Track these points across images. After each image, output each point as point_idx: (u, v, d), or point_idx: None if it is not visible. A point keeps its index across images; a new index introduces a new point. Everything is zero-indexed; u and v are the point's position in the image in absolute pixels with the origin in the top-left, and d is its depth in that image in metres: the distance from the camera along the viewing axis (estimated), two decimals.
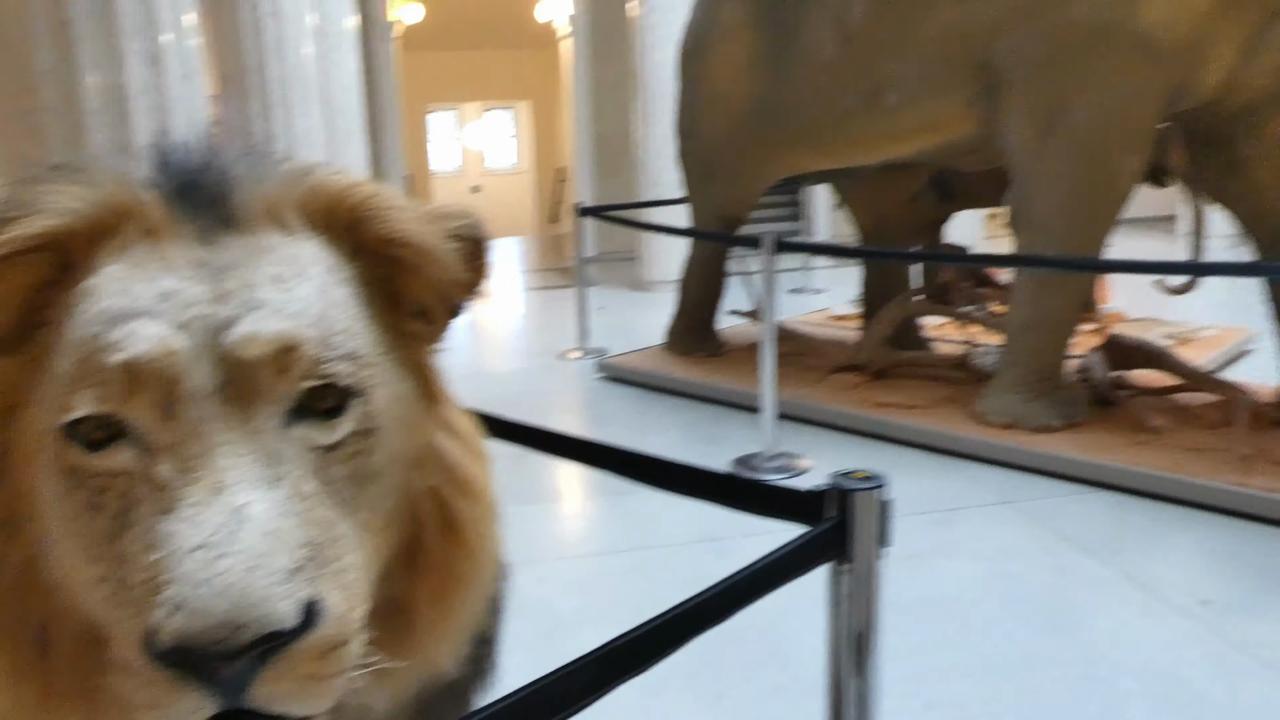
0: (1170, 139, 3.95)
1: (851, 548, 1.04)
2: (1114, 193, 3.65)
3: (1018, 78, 3.68)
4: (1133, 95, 3.46)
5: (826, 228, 10.85)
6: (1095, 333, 5.43)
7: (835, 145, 4.46)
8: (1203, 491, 3.39)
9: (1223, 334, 5.54)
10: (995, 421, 4.03)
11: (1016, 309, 4.00)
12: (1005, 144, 3.82)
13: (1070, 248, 3.70)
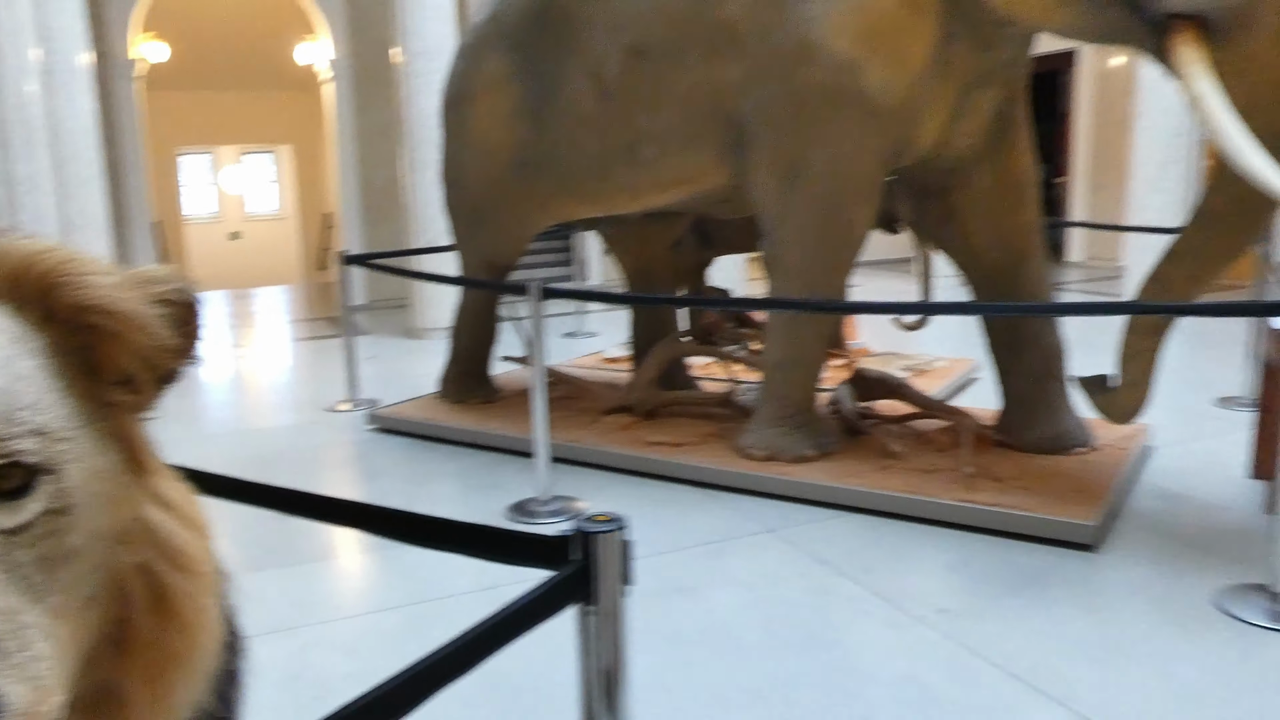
0: (897, 190, 4.37)
1: (596, 589, 1.08)
2: (850, 239, 3.97)
3: (762, 133, 3.95)
4: (861, 151, 3.80)
5: (599, 273, 11.11)
6: (844, 367, 5.87)
7: (598, 195, 4.60)
8: (937, 509, 3.72)
9: (952, 365, 6.12)
10: (757, 455, 4.24)
11: (770, 349, 4.25)
12: (754, 195, 4.08)
13: (815, 290, 3.99)
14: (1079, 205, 12.43)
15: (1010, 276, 4.16)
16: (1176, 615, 2.96)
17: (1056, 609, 3.03)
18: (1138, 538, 3.55)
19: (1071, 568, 3.32)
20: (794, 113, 3.83)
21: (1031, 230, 4.16)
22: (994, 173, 4.08)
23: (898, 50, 3.66)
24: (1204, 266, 3.24)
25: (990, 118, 3.97)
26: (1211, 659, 2.71)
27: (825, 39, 3.71)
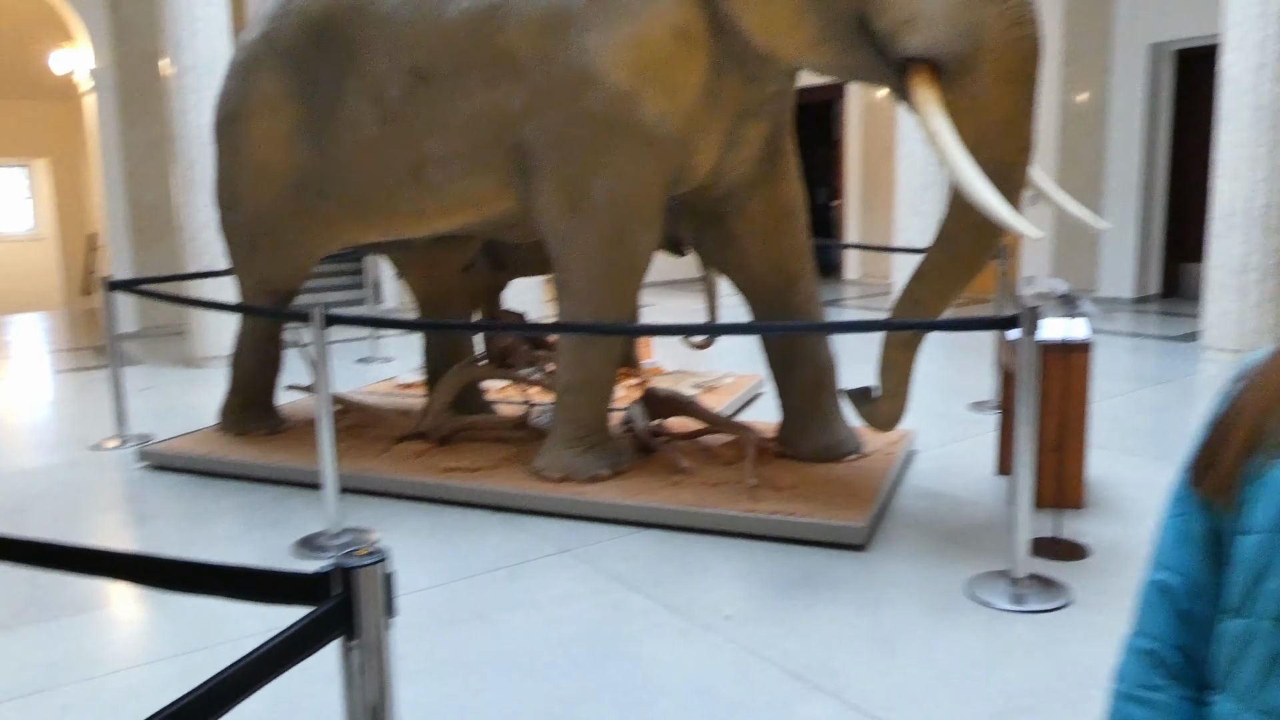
0: (679, 215, 4.55)
1: (358, 623, 1.08)
2: (635, 263, 4.11)
3: (546, 160, 4.02)
4: (641, 179, 3.94)
5: (393, 296, 10.87)
6: (637, 387, 6.03)
7: (382, 219, 4.53)
8: (724, 520, 3.89)
9: (739, 381, 6.41)
10: (552, 476, 4.29)
11: (561, 372, 4.32)
12: (539, 220, 4.14)
13: (603, 313, 4.09)
14: (853, 226, 13.32)
15: (784, 297, 4.42)
16: (934, 605, 3.24)
17: (830, 607, 3.24)
18: (902, 535, 3.85)
19: (844, 567, 3.56)
20: (576, 141, 3.92)
21: (802, 253, 4.44)
22: (766, 199, 4.33)
23: (672, 83, 3.83)
24: (948, 285, 3.58)
25: (760, 148, 4.22)
26: (964, 642, 2.98)
27: (603, 70, 3.83)
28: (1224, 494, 0.84)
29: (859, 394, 3.96)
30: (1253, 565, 0.80)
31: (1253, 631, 0.79)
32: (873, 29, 3.39)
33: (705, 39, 3.80)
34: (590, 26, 3.84)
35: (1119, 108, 10.21)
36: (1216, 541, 0.86)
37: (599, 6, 3.83)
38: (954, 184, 3.30)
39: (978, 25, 3.18)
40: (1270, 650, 0.77)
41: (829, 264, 14.34)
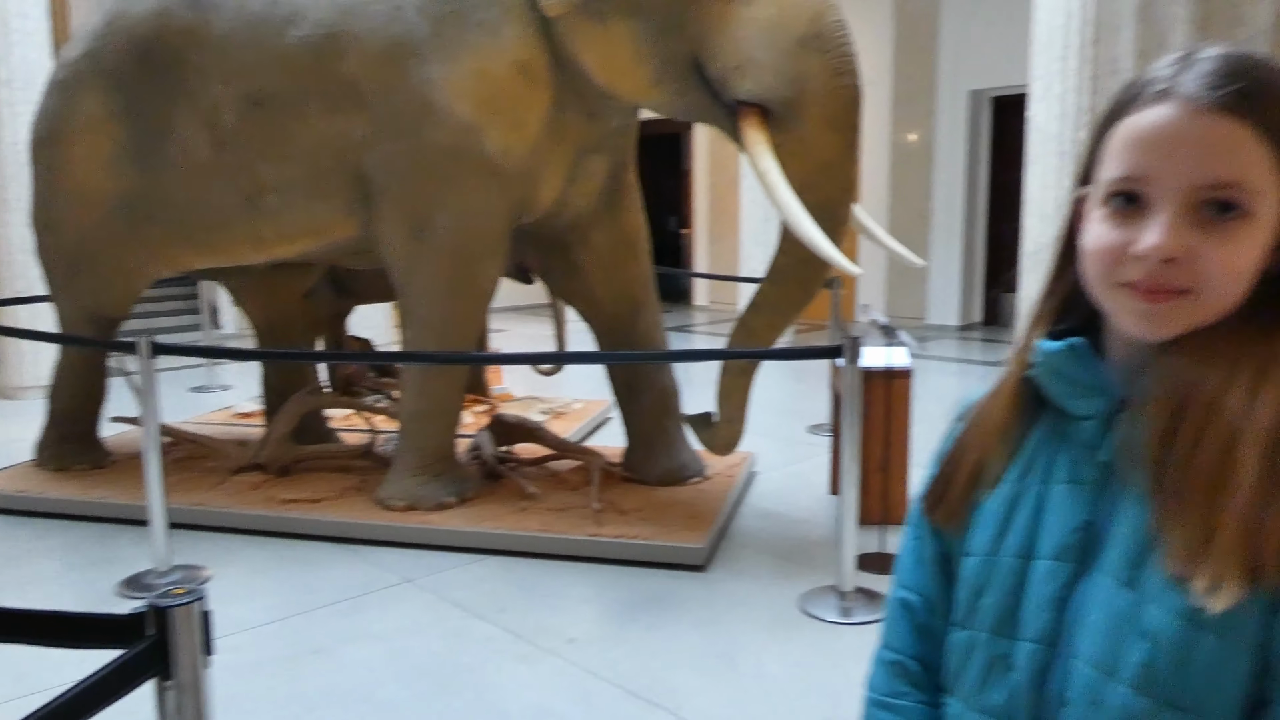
0: (526, 244, 4.61)
1: (173, 663, 1.08)
2: (478, 292, 4.14)
3: (389, 188, 4.01)
4: (486, 209, 3.98)
5: (231, 321, 10.45)
6: (487, 413, 6.02)
7: (217, 245, 4.39)
8: (569, 545, 3.95)
9: (587, 406, 6.49)
10: (396, 505, 4.25)
11: (406, 399, 4.29)
12: (383, 248, 4.12)
13: (448, 341, 4.10)
14: (701, 254, 13.69)
15: (628, 325, 4.54)
16: (768, 620, 3.39)
17: (671, 627, 3.34)
18: (741, 554, 4.01)
19: (685, 588, 3.67)
20: (420, 171, 3.93)
21: (645, 282, 4.57)
22: (609, 231, 4.45)
23: (515, 116, 3.90)
24: (779, 315, 3.77)
25: (603, 181, 4.34)
26: (795, 656, 3.13)
27: (446, 102, 3.86)
28: (952, 521, 0.95)
29: (699, 419, 4.10)
30: (973, 583, 0.91)
31: (974, 641, 0.90)
32: (707, 73, 3.56)
33: (547, 75, 3.89)
34: (433, 58, 3.86)
35: (943, 148, 10.93)
36: (947, 563, 0.97)
37: (442, 39, 3.86)
38: (783, 221, 3.49)
39: (803, 74, 3.39)
40: (988, 657, 0.88)
41: (678, 290, 14.69)
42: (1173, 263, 0.77)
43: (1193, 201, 0.77)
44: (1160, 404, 0.79)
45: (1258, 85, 0.76)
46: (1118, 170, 0.80)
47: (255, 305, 5.34)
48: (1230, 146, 0.76)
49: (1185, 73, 0.78)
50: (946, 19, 10.64)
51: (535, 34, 3.83)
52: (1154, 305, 0.79)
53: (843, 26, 3.46)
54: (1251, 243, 0.77)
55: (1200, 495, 0.75)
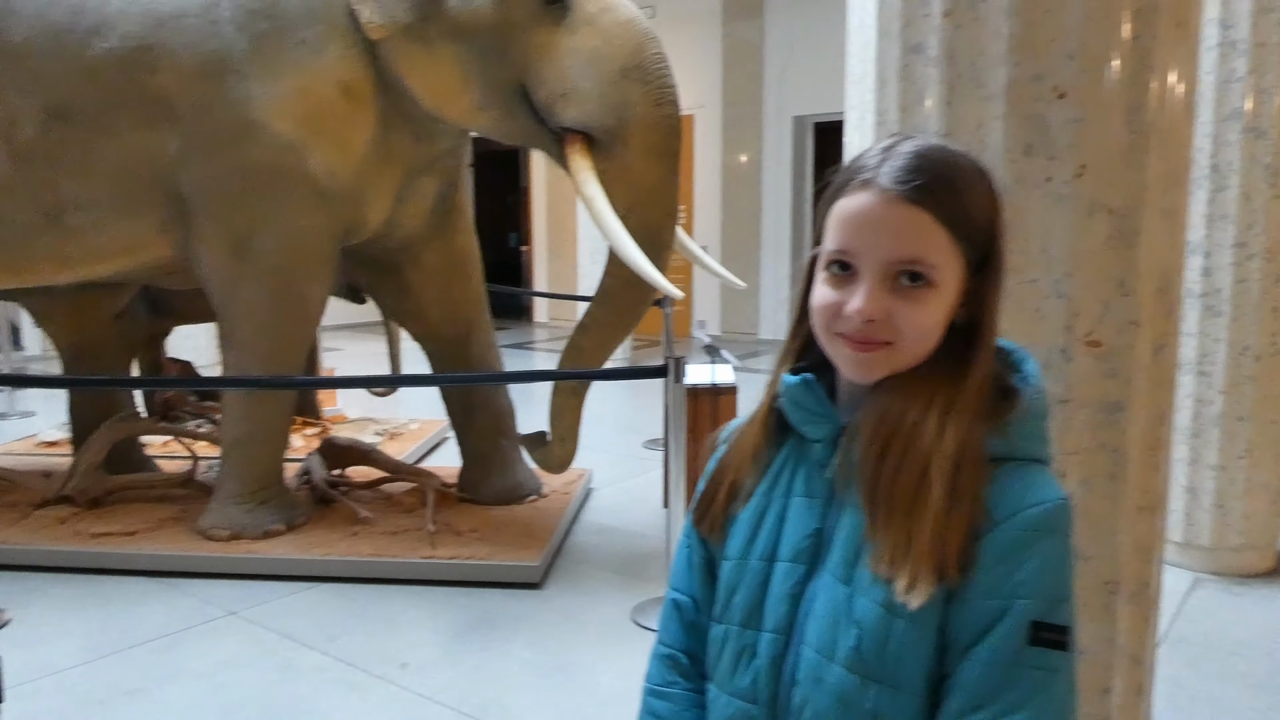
0: (357, 264, 4.55)
1: None
2: (304, 313, 4.05)
3: (207, 207, 3.88)
4: (311, 229, 3.91)
5: (35, 342, 9.74)
6: (318, 436, 5.87)
7: (15, 264, 4.12)
8: (404, 568, 3.92)
9: (424, 426, 6.42)
10: (220, 535, 4.10)
11: (228, 425, 4.15)
12: (201, 269, 3.98)
13: (272, 364, 3.99)
14: (540, 271, 13.75)
15: (461, 345, 4.55)
16: (601, 634, 3.47)
17: (505, 646, 3.37)
18: (576, 570, 4.08)
19: (520, 606, 3.71)
20: (241, 189, 3.83)
21: (477, 303, 4.59)
22: (440, 251, 4.45)
23: (340, 137, 3.86)
24: (608, 336, 3.88)
25: (433, 202, 4.34)
26: (627, 666, 3.22)
27: (267, 119, 3.78)
28: (715, 532, 1.10)
29: (532, 438, 4.15)
30: (728, 584, 1.06)
31: (727, 634, 1.05)
32: (533, 99, 3.64)
33: (373, 96, 3.87)
34: (253, 75, 3.78)
35: (771, 170, 11.42)
36: (712, 567, 1.11)
37: (262, 56, 3.78)
38: (609, 245, 3.60)
39: (625, 103, 3.52)
40: (738, 647, 1.03)
41: (519, 308, 14.68)
42: (874, 322, 0.94)
43: (889, 273, 0.94)
44: (869, 432, 0.96)
45: (939, 181, 0.93)
46: (834, 243, 0.97)
47: (61, 327, 5.02)
48: (916, 230, 0.93)
49: (884, 165, 0.94)
50: (770, 48, 11.15)
51: (360, 54, 3.81)
52: (861, 354, 0.96)
53: (663, 58, 3.61)
54: (936, 305, 0.95)
55: (902, 510, 0.92)
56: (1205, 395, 3.79)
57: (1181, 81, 1.49)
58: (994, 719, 0.89)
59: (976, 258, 0.96)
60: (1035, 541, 0.90)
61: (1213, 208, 3.71)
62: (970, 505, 0.90)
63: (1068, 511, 0.93)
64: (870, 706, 0.92)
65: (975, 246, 0.95)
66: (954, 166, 0.95)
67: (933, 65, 1.51)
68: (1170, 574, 3.91)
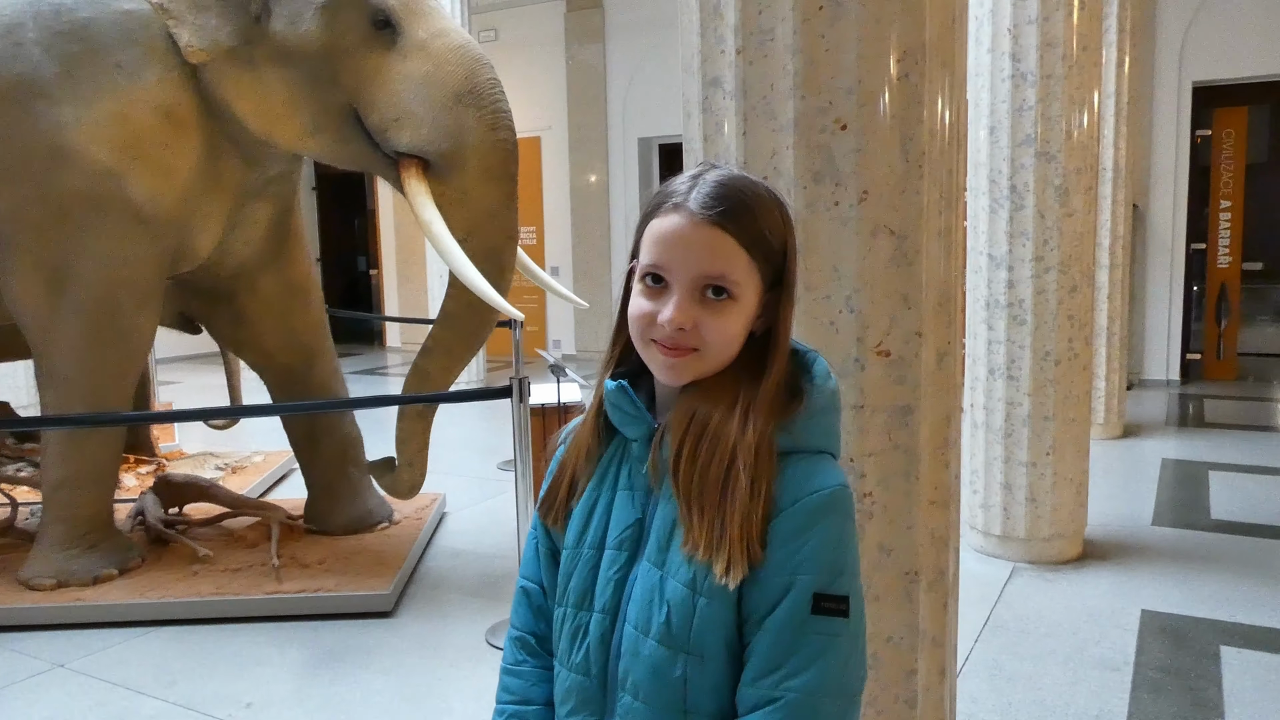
0: (189, 293, 4.39)
1: None
2: (130, 346, 3.88)
3: (18, 238, 3.68)
4: (135, 258, 3.76)
5: None
6: (153, 473, 5.60)
7: None
8: (248, 605, 3.80)
9: (268, 459, 6.21)
10: (44, 584, 3.87)
11: (49, 467, 3.92)
12: (14, 303, 3.77)
13: (96, 401, 3.81)
14: (391, 294, 13.49)
15: (302, 374, 4.45)
16: (455, 658, 3.46)
17: (357, 677, 3.32)
18: (429, 596, 4.05)
19: (372, 636, 3.66)
20: (54, 219, 3.65)
21: (317, 329, 4.51)
22: (276, 278, 4.35)
23: (161, 162, 3.73)
24: (452, 359, 3.89)
25: (266, 228, 4.24)
26: (480, 687, 3.23)
27: (82, 145, 3.63)
28: (557, 523, 1.21)
29: (380, 465, 4.10)
30: (565, 570, 1.17)
31: (564, 615, 1.16)
32: (365, 124, 3.63)
33: (197, 121, 3.77)
34: (63, 100, 3.62)
35: (619, 190, 11.61)
36: (555, 556, 1.22)
37: (74, 80, 3.62)
38: (449, 268, 3.62)
39: (460, 128, 3.55)
40: (572, 627, 1.15)
41: (370, 332, 14.34)
42: (684, 330, 1.05)
43: (697, 286, 1.05)
44: (678, 431, 1.07)
45: (739, 207, 1.05)
46: (648, 258, 1.07)
47: None
48: (719, 250, 1.04)
49: (693, 192, 1.06)
50: (613, 72, 11.36)
51: (181, 77, 3.70)
52: (672, 359, 1.07)
53: (497, 83, 3.66)
54: (737, 317, 1.07)
55: (713, 501, 1.03)
56: (1014, 398, 4.11)
57: (949, 113, 1.65)
58: (784, 679, 1.01)
59: (771, 275, 1.08)
60: (815, 523, 1.02)
61: (1013, 225, 4.04)
62: (764, 494, 1.02)
63: (845, 496, 1.05)
64: (679, 674, 1.04)
65: (770, 265, 1.08)
66: (752, 194, 1.07)
67: (730, 98, 1.63)
68: (990, 565, 4.21)
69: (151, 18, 3.64)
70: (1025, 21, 3.96)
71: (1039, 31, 3.93)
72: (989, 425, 4.18)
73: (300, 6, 3.57)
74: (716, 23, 1.64)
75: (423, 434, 3.95)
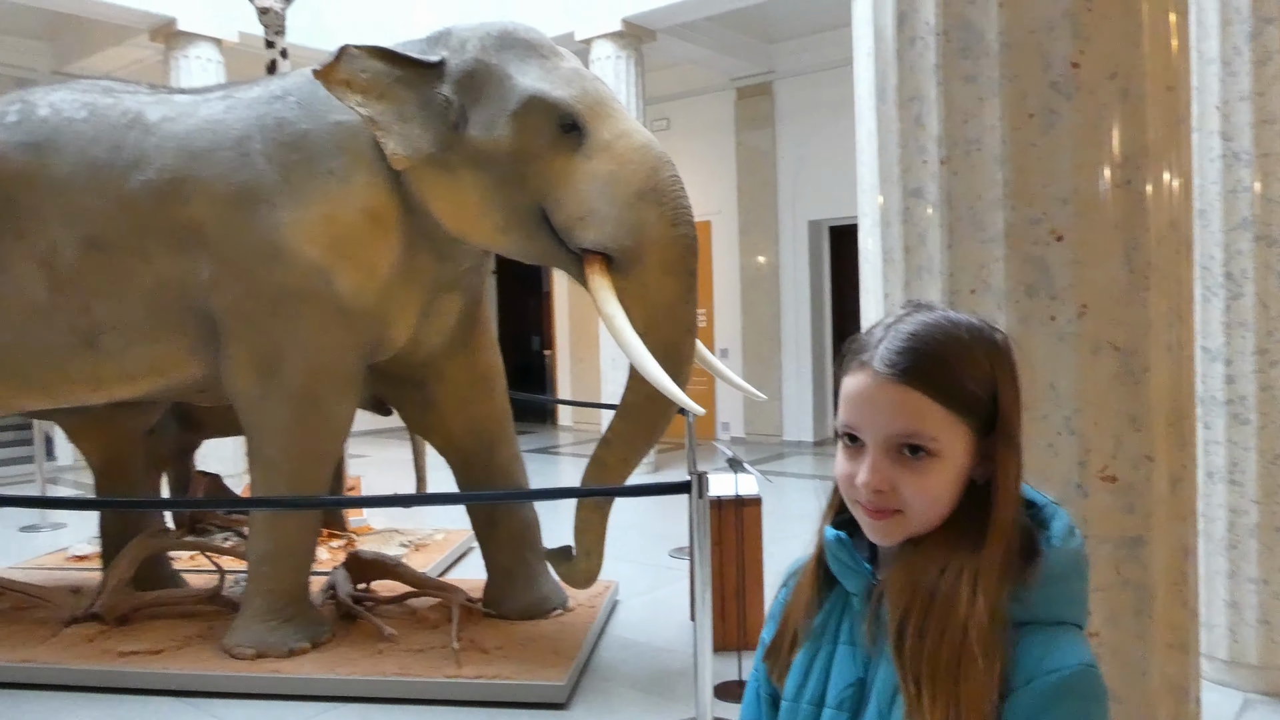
0: (382, 378, 4.64)
1: None
2: (330, 431, 4.13)
3: (236, 329, 4.00)
4: (337, 348, 4.02)
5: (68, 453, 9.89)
6: (343, 548, 5.88)
7: (51, 386, 4.24)
8: (427, 688, 3.87)
9: (449, 537, 6.41)
10: (245, 654, 4.08)
11: (254, 541, 4.18)
12: (230, 388, 4.08)
13: (299, 481, 4.04)
14: (564, 375, 13.85)
15: (485, 459, 4.59)
16: None
17: None
18: (601, 689, 4.01)
19: None
20: (268, 311, 3.95)
21: (501, 417, 4.65)
22: (463, 366, 4.54)
23: (365, 259, 3.99)
24: (631, 450, 3.91)
25: (456, 318, 4.44)
26: None
27: (295, 244, 3.93)
28: (779, 674, 1.16)
29: (557, 553, 4.15)
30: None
31: None
32: (552, 222, 3.76)
33: (398, 220, 4.02)
34: (282, 204, 3.94)
35: (789, 273, 11.57)
36: (775, 701, 1.17)
37: (291, 185, 3.95)
38: (630, 361, 3.66)
39: (641, 224, 3.63)
40: None
41: (543, 411, 14.74)
42: (881, 492, 0.99)
43: (890, 446, 0.99)
44: (896, 597, 1.00)
45: (929, 359, 0.99)
46: (841, 417, 1.03)
47: (93, 443, 5.13)
48: (907, 408, 0.99)
49: (881, 345, 1.01)
50: (783, 155, 11.44)
51: (385, 181, 3.97)
52: (876, 521, 1.01)
53: (678, 180, 3.73)
54: (940, 474, 0.99)
55: (946, 683, 0.94)
56: (1239, 505, 3.73)
57: (1176, 225, 1.54)
58: None
59: (981, 423, 1.00)
60: (1051, 708, 0.92)
61: (1230, 315, 3.72)
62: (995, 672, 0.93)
63: (1090, 676, 0.94)
64: None
65: (976, 413, 1.00)
66: (948, 342, 1.00)
67: (933, 209, 1.57)
68: (1219, 693, 3.79)
69: (360, 128, 3.93)
70: (1237, 98, 3.70)
71: (1253, 108, 3.67)
72: (1209, 535, 3.81)
73: (494, 114, 3.78)
74: (918, 132, 1.60)
75: (600, 524, 3.98)
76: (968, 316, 1.05)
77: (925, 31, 1.53)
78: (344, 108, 3.87)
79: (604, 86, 3.97)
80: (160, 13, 8.84)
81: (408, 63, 3.84)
